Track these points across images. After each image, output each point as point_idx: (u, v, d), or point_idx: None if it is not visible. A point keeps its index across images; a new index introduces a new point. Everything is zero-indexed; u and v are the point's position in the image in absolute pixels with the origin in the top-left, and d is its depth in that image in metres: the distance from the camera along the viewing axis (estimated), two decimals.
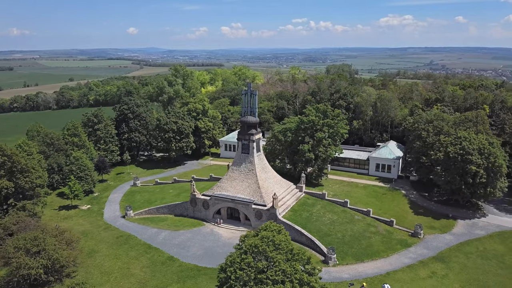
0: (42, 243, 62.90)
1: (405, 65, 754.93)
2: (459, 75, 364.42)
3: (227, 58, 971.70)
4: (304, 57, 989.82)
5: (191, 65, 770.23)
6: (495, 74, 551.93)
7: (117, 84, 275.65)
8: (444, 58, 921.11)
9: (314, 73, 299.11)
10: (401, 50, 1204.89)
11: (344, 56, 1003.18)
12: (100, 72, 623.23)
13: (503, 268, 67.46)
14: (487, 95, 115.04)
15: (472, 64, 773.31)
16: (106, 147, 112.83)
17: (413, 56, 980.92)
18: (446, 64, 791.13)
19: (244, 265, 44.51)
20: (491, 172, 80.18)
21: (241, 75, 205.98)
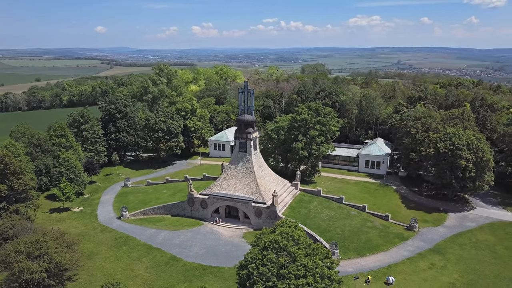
0: (44, 247, 61.24)
1: (374, 65, 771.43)
2: (428, 74, 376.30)
3: (198, 58, 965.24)
4: (276, 57, 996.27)
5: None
6: (459, 74, 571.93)
7: (92, 84, 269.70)
8: (411, 58, 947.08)
9: (290, 72, 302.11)
10: (369, 50, 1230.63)
11: (314, 56, 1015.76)
12: (68, 72, 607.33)
13: (496, 257, 70.62)
14: (467, 93, 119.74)
15: (438, 63, 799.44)
16: (93, 147, 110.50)
17: (382, 56, 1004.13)
18: (413, 64, 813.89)
19: (266, 261, 45.01)
20: (479, 166, 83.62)
21: (223, 74, 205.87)
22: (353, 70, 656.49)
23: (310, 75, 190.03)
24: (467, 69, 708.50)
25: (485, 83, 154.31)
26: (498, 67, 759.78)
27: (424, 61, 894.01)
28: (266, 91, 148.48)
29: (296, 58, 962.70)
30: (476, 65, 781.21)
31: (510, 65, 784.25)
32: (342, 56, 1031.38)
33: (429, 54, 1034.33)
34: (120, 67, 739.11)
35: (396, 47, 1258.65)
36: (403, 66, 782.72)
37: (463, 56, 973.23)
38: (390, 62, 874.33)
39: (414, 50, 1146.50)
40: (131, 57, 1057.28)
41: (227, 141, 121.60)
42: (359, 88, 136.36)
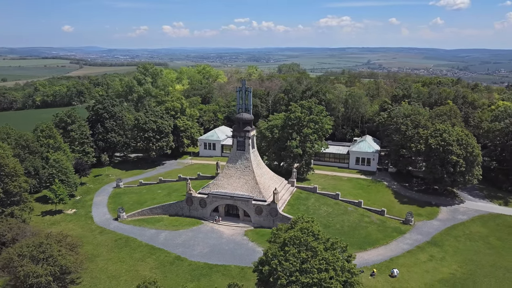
0: (49, 249, 59.80)
1: (345, 65, 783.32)
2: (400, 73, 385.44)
3: (170, 58, 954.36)
4: (248, 57, 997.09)
5: (133, 65, 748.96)
6: (427, 73, 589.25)
7: (67, 84, 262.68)
8: (381, 57, 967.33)
9: (268, 72, 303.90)
10: (340, 50, 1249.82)
11: (286, 55, 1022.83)
12: (36, 72, 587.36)
13: (490, 248, 73.71)
14: (449, 91, 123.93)
15: (406, 63, 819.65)
16: (81, 148, 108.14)
17: (352, 56, 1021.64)
18: (383, 64, 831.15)
19: (289, 256, 45.56)
20: (469, 161, 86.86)
21: (205, 73, 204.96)
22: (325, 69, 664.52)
23: (294, 74, 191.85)
24: (434, 69, 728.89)
25: (463, 81, 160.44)
26: (463, 67, 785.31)
27: (393, 60, 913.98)
28: (253, 90, 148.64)
29: (268, 58, 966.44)
30: (442, 65, 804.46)
31: (474, 64, 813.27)
32: (314, 56, 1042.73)
33: (397, 54, 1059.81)
34: (90, 67, 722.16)
35: (366, 47, 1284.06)
36: (373, 66, 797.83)
37: (430, 56, 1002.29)
38: (361, 62, 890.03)
39: (383, 50, 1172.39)
40: (101, 57, 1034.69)
41: (217, 140, 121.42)
42: (345, 87, 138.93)
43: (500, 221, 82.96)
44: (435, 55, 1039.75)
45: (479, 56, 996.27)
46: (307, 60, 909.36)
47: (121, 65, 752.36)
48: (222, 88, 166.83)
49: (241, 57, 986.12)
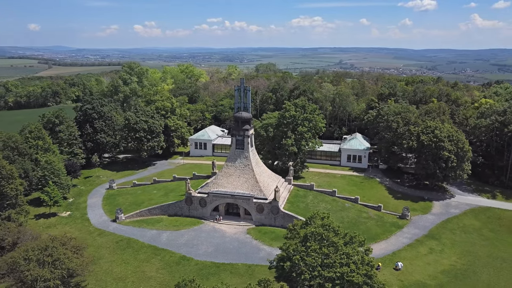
0: (55, 253, 58.42)
1: (318, 64, 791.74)
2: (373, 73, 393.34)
3: (142, 57, 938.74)
4: (221, 57, 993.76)
5: (104, 65, 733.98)
6: (397, 72, 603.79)
7: (41, 84, 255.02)
8: (352, 57, 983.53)
9: (246, 72, 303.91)
10: (312, 50, 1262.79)
11: (260, 55, 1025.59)
12: (2, 73, 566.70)
13: (484, 240, 76.74)
14: (433, 89, 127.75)
15: (377, 63, 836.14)
16: (70, 150, 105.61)
17: (324, 56, 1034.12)
18: (354, 63, 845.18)
19: (311, 251, 46.23)
20: (459, 156, 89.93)
21: (188, 73, 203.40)
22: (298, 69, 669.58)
23: (278, 74, 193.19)
24: (404, 68, 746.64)
25: (443, 80, 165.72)
26: (431, 66, 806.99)
27: (364, 60, 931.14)
28: None
29: (242, 58, 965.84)
30: (411, 65, 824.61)
31: (441, 64, 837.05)
32: (287, 56, 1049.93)
33: (368, 54, 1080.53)
34: (60, 66, 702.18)
35: (338, 47, 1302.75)
36: (345, 66, 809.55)
37: (399, 56, 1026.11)
38: (333, 62, 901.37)
39: (354, 50, 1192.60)
40: (70, 57, 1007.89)
41: (208, 139, 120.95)
42: (332, 86, 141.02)
43: (490, 213, 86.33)
44: (404, 55, 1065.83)
45: (445, 56, 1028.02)
46: (280, 60, 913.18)
47: (92, 65, 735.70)
48: (207, 88, 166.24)
49: (214, 57, 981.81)
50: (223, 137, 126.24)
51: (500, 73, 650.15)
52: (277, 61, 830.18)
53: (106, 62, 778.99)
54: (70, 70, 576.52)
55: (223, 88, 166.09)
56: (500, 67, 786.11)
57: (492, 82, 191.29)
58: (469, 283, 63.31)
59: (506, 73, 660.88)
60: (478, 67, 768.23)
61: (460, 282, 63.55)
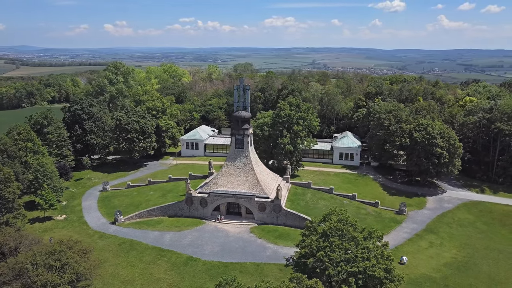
0: (64, 257, 56.95)
1: (292, 64, 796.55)
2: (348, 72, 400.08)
3: (113, 57, 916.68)
4: (195, 57, 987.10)
5: (75, 65, 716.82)
6: (369, 72, 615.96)
7: (14, 85, 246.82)
8: (325, 57, 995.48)
9: (226, 72, 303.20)
10: (285, 50, 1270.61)
11: (233, 55, 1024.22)
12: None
13: (479, 232, 79.52)
14: (418, 87, 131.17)
15: (349, 63, 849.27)
16: (59, 151, 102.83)
17: (297, 56, 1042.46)
18: (327, 63, 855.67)
19: (334, 247, 46.86)
20: (451, 153, 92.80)
21: (172, 72, 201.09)
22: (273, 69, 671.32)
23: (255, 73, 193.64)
24: (375, 68, 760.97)
25: (425, 79, 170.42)
26: (401, 66, 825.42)
27: (336, 60, 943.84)
28: (229, 89, 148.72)
29: (215, 58, 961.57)
30: (382, 64, 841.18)
31: (410, 64, 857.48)
32: (260, 56, 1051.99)
33: (340, 54, 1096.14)
34: (28, 67, 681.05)
35: (310, 47, 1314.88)
36: (318, 66, 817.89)
37: (370, 56, 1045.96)
38: (306, 62, 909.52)
39: (327, 50, 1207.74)
40: (37, 57, 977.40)
41: (200, 139, 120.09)
42: (320, 85, 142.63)
43: (482, 207, 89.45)
44: (375, 55, 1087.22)
45: (414, 56, 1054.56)
46: (254, 60, 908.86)
47: (62, 65, 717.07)
48: (192, 87, 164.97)
49: (188, 57, 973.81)
50: (214, 137, 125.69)
51: (466, 73, 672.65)
52: (251, 61, 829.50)
53: (77, 62, 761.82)
54: (39, 70, 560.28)
55: (209, 88, 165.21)
56: (466, 66, 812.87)
57: (470, 81, 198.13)
58: (472, 275, 65.46)
59: (473, 72, 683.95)
60: (446, 67, 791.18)
61: (463, 274, 65.63)
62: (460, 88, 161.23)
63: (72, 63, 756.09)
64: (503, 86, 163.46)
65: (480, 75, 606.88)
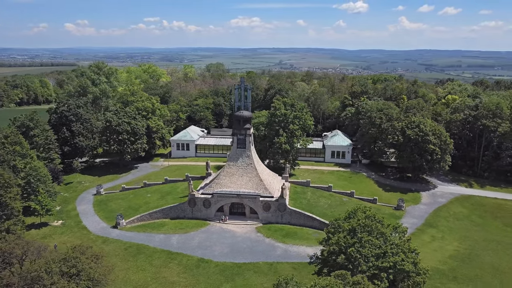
0: (79, 264, 55.01)
1: (259, 65, 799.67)
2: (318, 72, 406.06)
3: (76, 58, 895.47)
4: (161, 57, 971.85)
5: (36, 65, 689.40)
6: (335, 72, 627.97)
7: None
8: (291, 58, 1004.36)
9: (199, 72, 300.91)
10: (252, 50, 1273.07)
11: (200, 56, 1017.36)
12: None
13: (475, 225, 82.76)
14: (402, 87, 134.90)
15: (315, 63, 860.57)
16: (47, 155, 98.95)
17: (264, 56, 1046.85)
18: (294, 63, 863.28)
19: (365, 243, 47.57)
20: (442, 149, 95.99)
21: (151, 72, 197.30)
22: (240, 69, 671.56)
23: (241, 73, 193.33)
24: (341, 68, 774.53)
25: (404, 79, 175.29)
26: (365, 66, 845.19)
27: (303, 60, 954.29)
28: (216, 88, 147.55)
29: (182, 58, 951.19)
30: (347, 64, 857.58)
31: (374, 64, 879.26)
32: (227, 56, 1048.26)
33: (306, 54, 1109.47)
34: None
35: (277, 48, 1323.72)
36: (285, 66, 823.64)
37: (335, 56, 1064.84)
38: (273, 62, 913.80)
39: (293, 50, 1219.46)
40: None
41: (191, 140, 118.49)
42: (306, 85, 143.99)
43: (473, 201, 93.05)
44: (340, 55, 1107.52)
45: (378, 56, 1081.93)
46: (221, 60, 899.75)
47: (22, 65, 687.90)
48: (174, 88, 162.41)
49: (154, 57, 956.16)
50: (205, 137, 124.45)
51: (427, 72, 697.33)
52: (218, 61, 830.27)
53: (38, 63, 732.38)
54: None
55: (191, 88, 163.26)
56: (427, 66, 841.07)
57: (445, 80, 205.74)
58: (476, 266, 68.04)
59: (433, 72, 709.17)
60: (408, 67, 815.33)
61: (468, 265, 68.12)
62: (436, 87, 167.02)
63: (32, 64, 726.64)
64: (476, 85, 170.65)
65: (440, 74, 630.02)
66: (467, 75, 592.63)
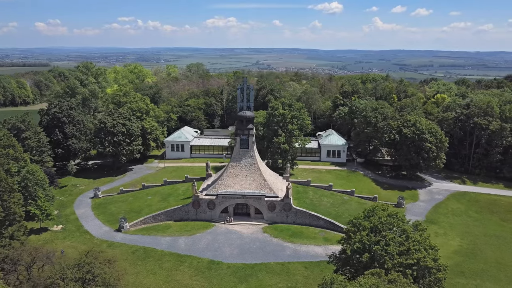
0: (95, 269, 53.61)
1: (236, 65, 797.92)
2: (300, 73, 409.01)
3: (48, 58, 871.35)
4: (136, 57, 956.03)
5: (7, 66, 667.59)
6: (311, 72, 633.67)
7: None
8: (268, 58, 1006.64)
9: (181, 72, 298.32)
10: (229, 50, 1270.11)
11: (176, 56, 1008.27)
12: None
13: (474, 221, 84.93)
14: (391, 86, 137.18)
15: (292, 63, 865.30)
16: (39, 158, 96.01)
17: (241, 56, 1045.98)
18: (271, 64, 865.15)
19: (389, 240, 48.10)
20: (438, 147, 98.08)
21: (138, 72, 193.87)
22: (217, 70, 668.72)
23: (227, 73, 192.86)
24: (317, 68, 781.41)
25: (390, 78, 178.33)
26: (341, 66, 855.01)
27: (279, 61, 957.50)
28: (207, 89, 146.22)
29: (158, 58, 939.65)
30: (323, 64, 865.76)
31: (350, 64, 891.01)
32: (204, 56, 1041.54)
33: (282, 54, 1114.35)
34: None
35: (253, 48, 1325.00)
36: (262, 66, 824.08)
37: (311, 56, 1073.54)
38: (250, 62, 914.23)
39: (269, 51, 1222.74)
40: None
41: (186, 141, 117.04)
42: (298, 85, 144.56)
43: (468, 197, 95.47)
44: (316, 55, 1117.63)
45: (353, 56, 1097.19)
46: (198, 60, 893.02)
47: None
48: (162, 88, 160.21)
49: (129, 57, 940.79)
50: (200, 138, 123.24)
51: (401, 72, 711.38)
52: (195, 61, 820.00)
53: (8, 63, 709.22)
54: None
55: (179, 89, 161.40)
56: (401, 66, 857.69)
57: (428, 80, 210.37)
58: (481, 260, 69.90)
59: (407, 71, 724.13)
60: (382, 66, 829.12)
61: (473, 260, 69.90)
62: (420, 86, 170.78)
63: (3, 64, 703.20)
64: (457, 84, 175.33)
65: (414, 74, 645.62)
66: (439, 75, 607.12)
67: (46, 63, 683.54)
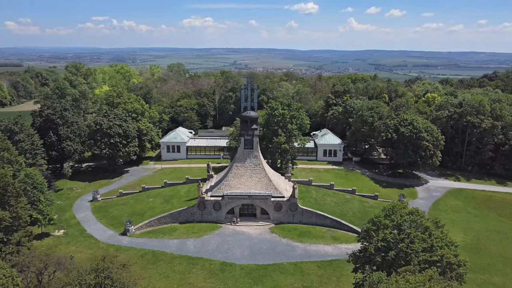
0: (114, 274, 52.27)
1: (213, 65, 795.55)
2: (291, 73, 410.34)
3: (19, 58, 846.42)
4: (111, 57, 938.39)
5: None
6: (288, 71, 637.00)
7: None
8: (245, 58, 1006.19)
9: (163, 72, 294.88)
10: (206, 50, 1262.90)
11: (153, 56, 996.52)
12: None
13: (474, 217, 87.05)
14: (382, 85, 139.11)
15: (269, 63, 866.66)
16: (33, 161, 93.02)
17: (218, 56, 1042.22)
18: (248, 64, 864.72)
19: (414, 238, 48.64)
20: (434, 145, 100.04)
21: (124, 73, 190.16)
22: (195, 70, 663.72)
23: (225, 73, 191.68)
24: (295, 68, 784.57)
25: (378, 78, 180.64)
26: (318, 66, 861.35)
27: (257, 61, 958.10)
28: (199, 89, 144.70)
29: (134, 58, 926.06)
30: (301, 65, 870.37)
31: (326, 64, 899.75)
32: (180, 56, 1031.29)
33: (259, 54, 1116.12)
34: None
35: (230, 48, 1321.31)
36: (239, 66, 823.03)
37: (288, 56, 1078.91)
38: (228, 62, 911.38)
39: (246, 51, 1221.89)
40: None
41: (182, 142, 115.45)
42: (290, 85, 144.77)
43: (465, 194, 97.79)
44: (293, 55, 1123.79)
45: (329, 56, 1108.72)
46: (175, 60, 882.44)
47: None
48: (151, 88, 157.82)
49: (104, 57, 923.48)
50: (195, 139, 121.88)
51: (377, 72, 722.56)
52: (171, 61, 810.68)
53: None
54: None
55: (169, 89, 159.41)
56: (376, 66, 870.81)
57: (414, 79, 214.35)
58: (485, 255, 71.66)
59: (382, 71, 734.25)
60: (358, 66, 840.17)
61: (478, 256, 71.56)
62: (406, 85, 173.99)
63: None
64: (441, 83, 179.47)
65: (389, 73, 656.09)
66: (413, 74, 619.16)
67: (17, 63, 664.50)
